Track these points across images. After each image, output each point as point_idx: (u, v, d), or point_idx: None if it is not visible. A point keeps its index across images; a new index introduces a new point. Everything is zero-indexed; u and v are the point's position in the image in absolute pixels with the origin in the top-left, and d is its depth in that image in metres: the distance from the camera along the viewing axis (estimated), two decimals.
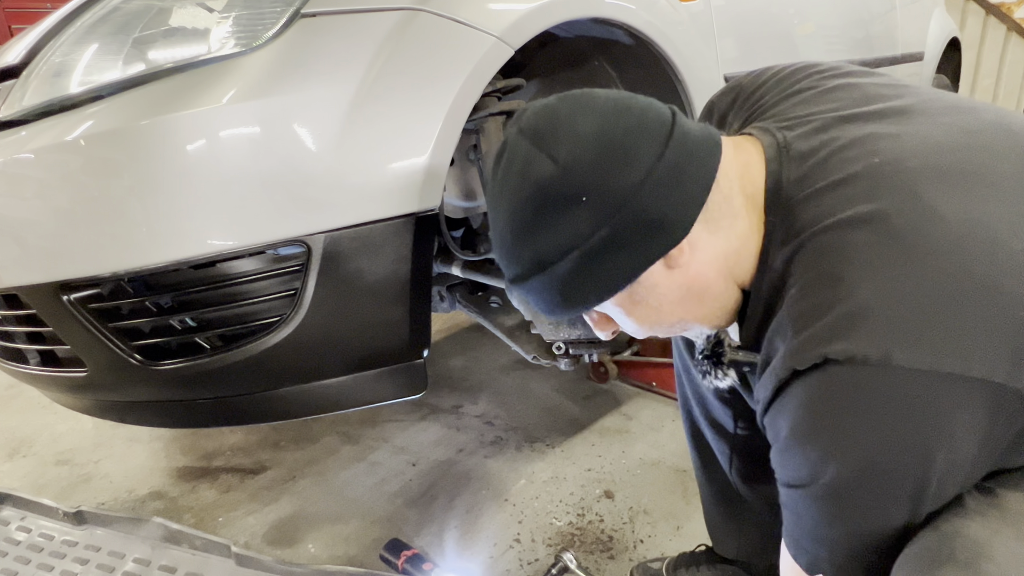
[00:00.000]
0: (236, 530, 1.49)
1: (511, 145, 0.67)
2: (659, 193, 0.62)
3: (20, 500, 1.46)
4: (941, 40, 2.98)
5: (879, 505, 0.59)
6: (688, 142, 0.64)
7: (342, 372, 1.10)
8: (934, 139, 0.65)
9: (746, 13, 1.76)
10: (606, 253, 0.64)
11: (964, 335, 0.55)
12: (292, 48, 0.97)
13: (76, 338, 1.07)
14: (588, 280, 0.66)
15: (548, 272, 0.66)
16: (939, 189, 0.60)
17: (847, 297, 0.57)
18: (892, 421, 0.56)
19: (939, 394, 0.55)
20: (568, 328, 1.31)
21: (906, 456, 0.56)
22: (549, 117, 0.65)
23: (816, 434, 0.59)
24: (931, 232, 0.57)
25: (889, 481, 0.58)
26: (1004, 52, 5.14)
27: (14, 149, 1.00)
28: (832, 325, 0.57)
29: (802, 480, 0.61)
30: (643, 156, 0.62)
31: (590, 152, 0.62)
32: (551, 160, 0.63)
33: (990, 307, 0.55)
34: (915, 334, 0.55)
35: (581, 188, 0.62)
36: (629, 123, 0.63)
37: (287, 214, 0.97)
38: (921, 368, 0.54)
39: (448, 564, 1.34)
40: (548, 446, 1.74)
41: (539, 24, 1.15)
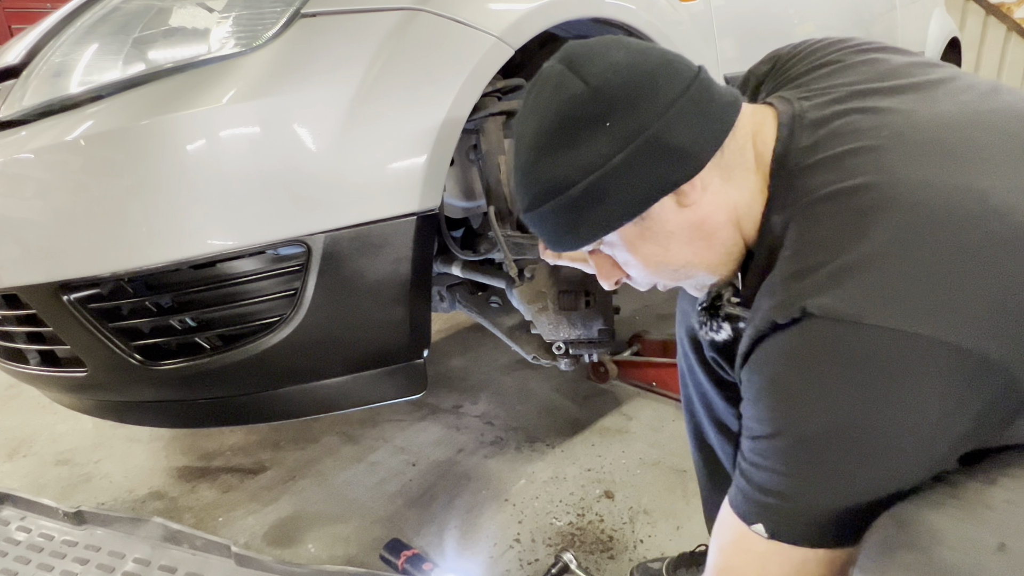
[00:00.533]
0: (236, 530, 1.49)
1: (546, 71, 0.71)
2: (679, 125, 0.65)
3: (20, 500, 1.46)
4: (941, 40, 2.98)
5: (840, 462, 0.59)
6: (711, 90, 0.68)
7: (342, 372, 1.10)
8: (944, 116, 0.65)
9: (746, 13, 1.76)
10: (622, 177, 0.66)
11: (941, 299, 0.56)
12: (292, 48, 0.97)
13: (76, 338, 1.07)
14: (600, 205, 0.68)
15: (564, 195, 0.68)
16: (938, 163, 0.61)
17: (831, 260, 0.59)
18: (860, 378, 0.57)
19: (907, 354, 0.55)
20: (568, 328, 1.31)
21: (872, 414, 0.57)
22: (586, 47, 0.70)
23: (787, 386, 0.60)
24: (922, 200, 0.59)
25: (850, 441, 0.58)
26: (1004, 52, 5.15)
27: (14, 149, 1.00)
28: (813, 283, 0.59)
29: (767, 431, 0.62)
30: (668, 89, 0.65)
31: (619, 78, 0.66)
32: (583, 81, 0.66)
33: (972, 275, 0.56)
34: (891, 294, 0.56)
35: (607, 110, 0.65)
36: (659, 61, 0.68)
37: (287, 214, 0.97)
38: (890, 326, 0.55)
39: (448, 564, 1.34)
40: (548, 446, 1.74)
41: (539, 24, 1.15)
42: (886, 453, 0.58)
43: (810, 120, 0.69)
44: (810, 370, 0.59)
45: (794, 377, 0.60)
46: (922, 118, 0.65)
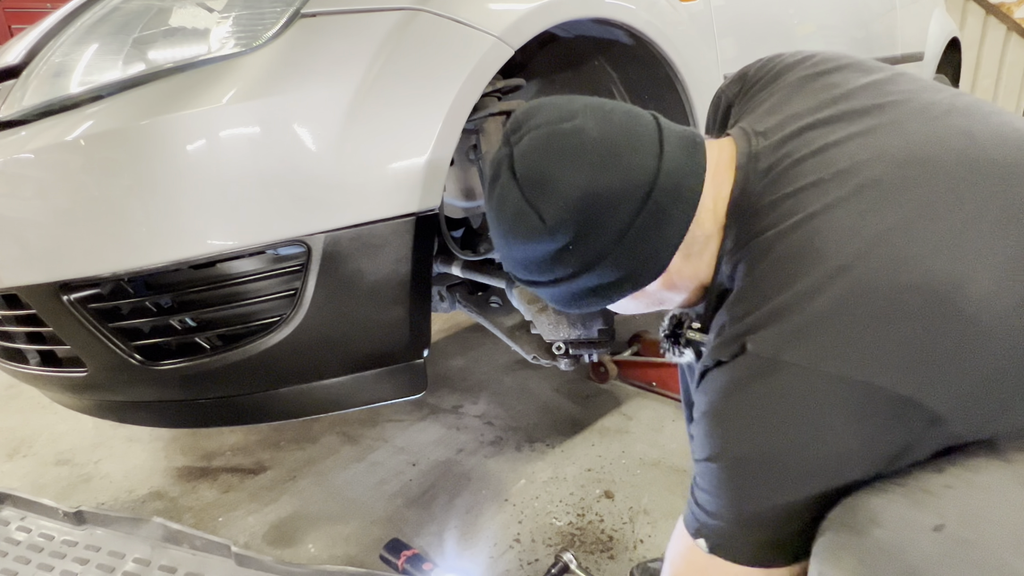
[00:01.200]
0: (236, 530, 1.49)
1: (504, 185, 0.74)
2: (637, 245, 0.71)
3: (20, 500, 1.46)
4: (941, 40, 2.98)
5: (760, 485, 0.64)
6: (671, 184, 0.70)
7: (342, 372, 1.10)
8: (891, 151, 0.67)
9: (746, 13, 1.76)
10: (590, 289, 0.76)
11: (853, 340, 0.60)
12: (292, 48, 0.97)
13: (76, 338, 1.07)
14: (575, 300, 0.79)
15: (543, 290, 0.79)
16: (872, 203, 0.64)
17: (764, 304, 0.65)
18: (776, 411, 0.62)
19: (817, 391, 0.60)
20: (568, 328, 1.31)
21: (785, 445, 0.62)
22: (540, 165, 0.71)
23: (716, 416, 0.67)
24: (847, 245, 0.62)
25: (770, 468, 0.63)
26: (1004, 52, 5.14)
27: (14, 149, 1.00)
28: (748, 324, 0.65)
29: (704, 454, 0.68)
30: (625, 211, 0.69)
31: (573, 213, 0.69)
32: (539, 218, 0.71)
33: (888, 320, 0.59)
34: (806, 335, 0.61)
35: (566, 241, 0.71)
36: (613, 179, 0.69)
37: (287, 214, 0.97)
38: (803, 365, 0.61)
39: (448, 564, 1.34)
40: (548, 446, 1.74)
41: (539, 24, 1.15)
42: (806, 482, 0.63)
43: (765, 164, 0.72)
44: (737, 401, 0.65)
45: (724, 406, 0.66)
46: (867, 154, 0.67)
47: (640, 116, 0.74)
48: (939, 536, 0.56)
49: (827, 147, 0.69)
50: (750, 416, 0.64)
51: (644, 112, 0.76)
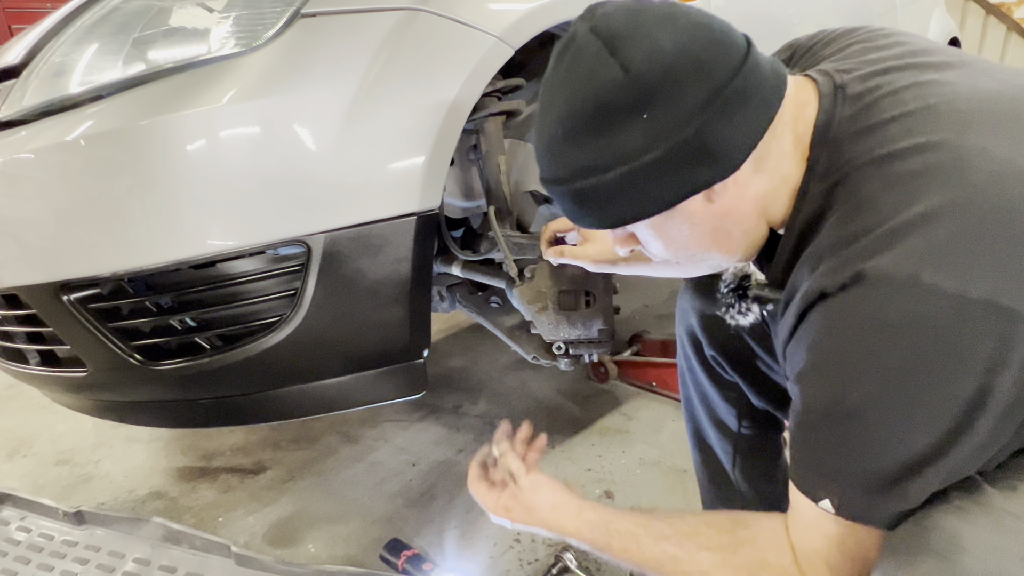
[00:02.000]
0: (236, 530, 1.49)
1: (581, 41, 0.64)
2: (719, 124, 0.61)
3: (20, 500, 1.46)
4: (941, 40, 2.98)
5: (896, 430, 0.57)
6: (758, 74, 0.63)
7: (342, 372, 1.10)
8: (987, 88, 0.64)
9: (746, 13, 1.76)
10: (654, 174, 0.63)
11: (997, 264, 0.54)
12: (292, 48, 0.97)
13: (76, 338, 1.07)
14: (629, 197, 0.65)
15: (591, 181, 0.65)
16: (988, 130, 0.60)
17: (885, 222, 0.57)
18: (914, 342, 0.55)
19: (964, 319, 0.54)
20: (568, 328, 1.31)
21: (925, 379, 0.55)
22: (629, 21, 0.62)
23: (839, 354, 0.59)
24: (976, 166, 0.57)
25: (907, 405, 0.56)
26: (1004, 52, 5.15)
27: (14, 149, 1.00)
28: (865, 247, 0.57)
29: (821, 404, 0.60)
30: (712, 82, 0.61)
31: (660, 66, 0.60)
32: (622, 69, 0.61)
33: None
34: (947, 257, 0.55)
35: (645, 101, 0.61)
36: (706, 43, 0.62)
37: (287, 214, 0.97)
38: (948, 290, 0.54)
39: (448, 564, 1.34)
40: (548, 446, 1.73)
41: (539, 24, 1.15)
42: (944, 422, 0.56)
43: (853, 91, 0.67)
44: (866, 338, 0.57)
45: (850, 346, 0.58)
46: (965, 89, 0.64)
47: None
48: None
49: (922, 83, 0.65)
50: (888, 345, 0.56)
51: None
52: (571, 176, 0.66)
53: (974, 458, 0.59)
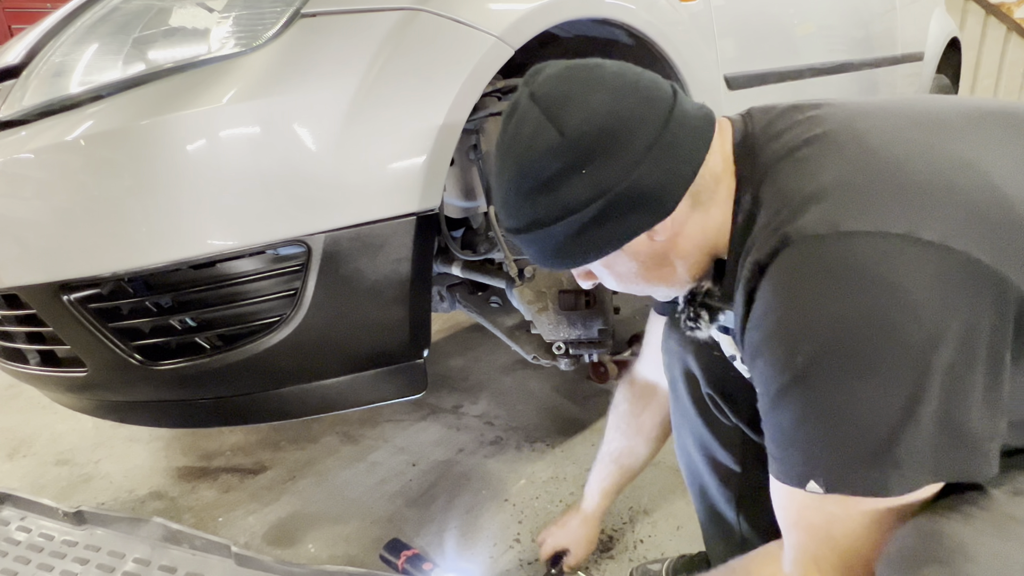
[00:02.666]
0: (236, 530, 1.49)
1: (522, 108, 0.71)
2: (652, 173, 0.67)
3: (20, 500, 1.46)
4: (941, 40, 2.98)
5: (851, 381, 0.57)
6: (685, 122, 0.69)
7: (342, 372, 1.10)
8: (876, 100, 0.74)
9: (746, 13, 1.76)
10: (598, 223, 0.69)
11: (912, 206, 0.57)
12: (292, 48, 0.97)
13: (76, 338, 1.07)
14: (579, 243, 0.71)
15: (543, 231, 0.72)
16: (878, 115, 0.68)
17: (798, 193, 0.62)
18: (849, 288, 0.56)
19: (890, 254, 0.55)
20: (568, 328, 1.31)
21: (869, 326, 0.55)
22: (561, 86, 0.69)
23: (783, 320, 0.60)
24: (870, 136, 0.64)
25: (859, 356, 0.56)
26: (1004, 52, 5.14)
27: (14, 149, 1.00)
28: (785, 217, 0.62)
29: (777, 377, 0.61)
30: (643, 136, 0.67)
31: (595, 128, 0.66)
32: (559, 132, 0.67)
33: (938, 189, 0.58)
34: (862, 204, 0.59)
35: (583, 160, 0.67)
36: (636, 102, 0.68)
37: (287, 214, 0.97)
38: (868, 229, 0.56)
39: (448, 564, 1.34)
40: (548, 446, 1.74)
41: (539, 24, 1.15)
42: (899, 360, 0.55)
43: (759, 110, 0.76)
44: (803, 293, 0.58)
45: (790, 305, 0.59)
46: (855, 101, 0.73)
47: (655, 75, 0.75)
48: None
49: (819, 105, 0.73)
50: (823, 300, 0.57)
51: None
52: (526, 227, 0.73)
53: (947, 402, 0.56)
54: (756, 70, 1.78)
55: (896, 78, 2.58)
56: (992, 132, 0.66)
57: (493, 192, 0.77)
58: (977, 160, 0.61)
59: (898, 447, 0.56)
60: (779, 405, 0.62)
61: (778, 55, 1.91)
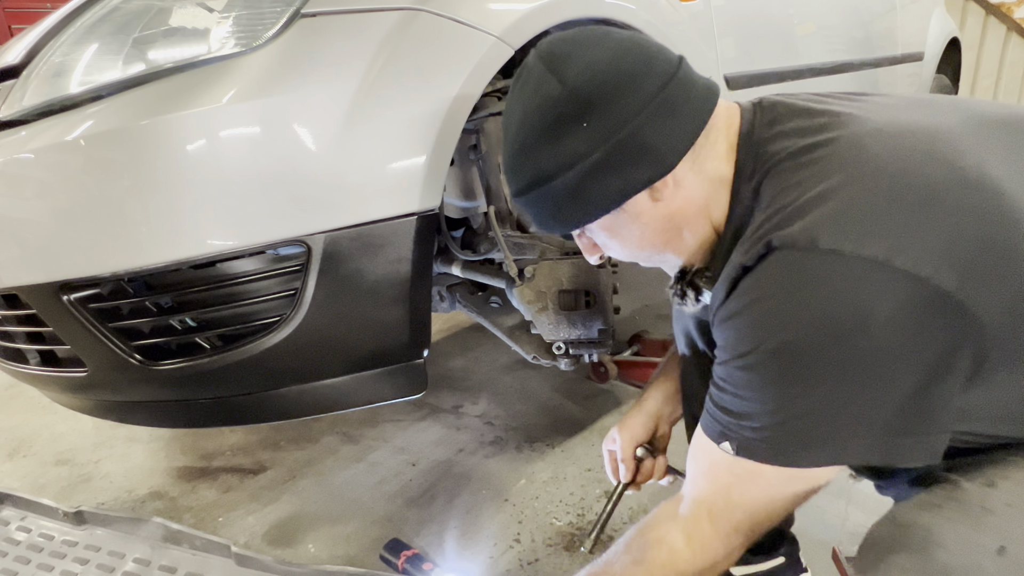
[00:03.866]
0: (236, 530, 1.49)
1: (528, 66, 0.73)
2: (652, 126, 0.68)
3: (20, 500, 1.46)
4: (941, 40, 2.98)
5: (797, 378, 0.62)
6: (689, 85, 0.71)
7: (342, 372, 1.10)
8: (887, 99, 0.75)
9: (746, 13, 1.76)
10: (598, 175, 0.70)
11: (894, 227, 0.59)
12: (292, 48, 0.97)
13: (76, 338, 1.07)
14: (580, 199, 0.72)
15: (545, 187, 0.73)
16: (887, 116, 0.69)
17: (792, 202, 0.64)
18: (812, 299, 0.60)
19: (859, 277, 0.58)
20: (568, 328, 1.31)
21: (821, 335, 0.59)
22: (566, 43, 0.72)
23: (750, 311, 0.64)
24: (874, 144, 0.65)
25: (809, 358, 0.60)
26: (1004, 52, 5.14)
27: (14, 149, 1.00)
28: (776, 223, 0.64)
29: (733, 352, 0.66)
30: (644, 90, 0.68)
31: (596, 79, 0.68)
32: (559, 82, 0.69)
33: (925, 208, 0.60)
34: (844, 223, 0.60)
35: (583, 110, 0.68)
36: (638, 59, 0.70)
37: (287, 214, 0.97)
38: (843, 251, 0.59)
39: (448, 564, 1.34)
40: (548, 446, 1.74)
41: (539, 24, 1.15)
42: (842, 373, 0.60)
43: (768, 103, 0.76)
44: (772, 295, 0.62)
45: (758, 301, 0.64)
46: (866, 101, 0.74)
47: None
48: (1004, 560, 0.54)
49: (828, 102, 0.74)
50: (788, 305, 0.61)
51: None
52: (529, 186, 0.74)
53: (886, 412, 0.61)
54: (756, 70, 1.78)
55: (896, 78, 2.58)
56: (994, 143, 0.67)
57: (503, 158, 0.78)
58: (977, 176, 0.62)
59: (811, 432, 0.62)
60: (725, 376, 0.68)
61: (778, 55, 1.91)
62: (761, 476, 0.66)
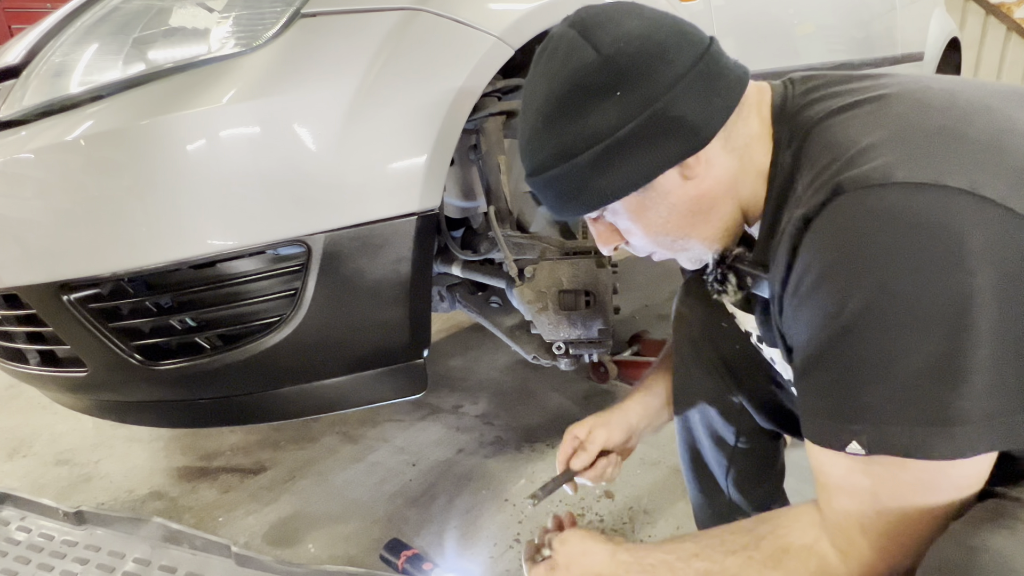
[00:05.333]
0: (236, 530, 1.49)
1: (557, 35, 0.70)
2: (686, 100, 0.65)
3: (20, 500, 1.46)
4: (941, 40, 2.98)
5: (899, 334, 0.55)
6: (720, 64, 0.69)
7: (342, 372, 1.10)
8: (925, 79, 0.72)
9: (746, 13, 1.76)
10: (628, 149, 0.66)
11: (970, 163, 0.56)
12: (292, 48, 0.97)
13: (76, 338, 1.07)
14: (606, 175, 0.68)
15: (570, 163, 0.68)
16: (933, 80, 0.68)
17: (849, 148, 0.60)
18: (903, 238, 0.54)
19: (947, 208, 0.53)
20: (568, 328, 1.31)
21: (918, 273, 0.53)
22: (599, 13, 0.69)
23: (831, 270, 0.58)
24: (931, 98, 0.63)
25: (904, 305, 0.54)
26: (1004, 52, 5.15)
27: (14, 149, 1.00)
28: (836, 170, 0.59)
29: (824, 328, 0.58)
30: (678, 62, 0.65)
31: (631, 48, 0.65)
32: (594, 49, 0.66)
33: (996, 150, 0.57)
34: (918, 156, 0.56)
35: (617, 80, 0.65)
36: (671, 31, 0.67)
37: (287, 214, 0.97)
38: (926, 181, 0.54)
39: (448, 564, 1.34)
40: (548, 446, 1.74)
41: (539, 24, 1.15)
42: (950, 316, 0.53)
43: (798, 79, 0.74)
44: (854, 241, 0.56)
45: (836, 252, 0.57)
46: (910, 77, 0.71)
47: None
48: None
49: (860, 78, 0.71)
50: (874, 246, 0.55)
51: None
52: (550, 162, 0.70)
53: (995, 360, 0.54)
54: (756, 70, 1.77)
55: None
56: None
57: (519, 133, 0.74)
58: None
59: (946, 405, 0.54)
60: (822, 360, 0.59)
61: (778, 55, 1.91)
62: (906, 470, 0.57)
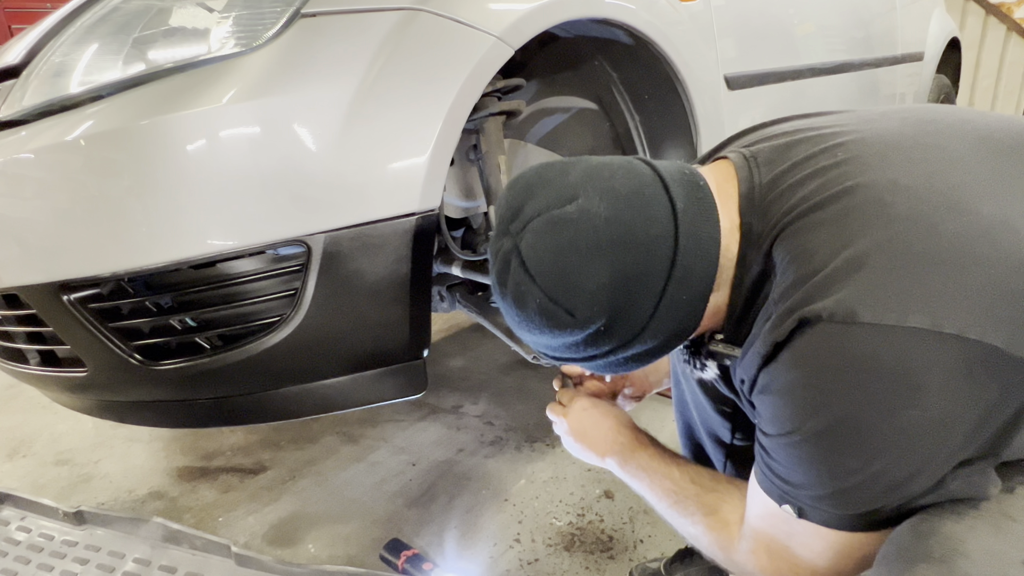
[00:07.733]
0: (236, 530, 1.49)
1: (518, 283, 0.68)
2: (670, 315, 0.68)
3: (20, 500, 1.46)
4: (941, 40, 2.98)
5: (850, 458, 0.60)
6: (692, 244, 0.67)
7: (342, 372, 1.10)
8: (892, 128, 0.70)
9: (746, 13, 1.76)
10: (628, 358, 0.73)
11: (933, 292, 0.56)
12: (292, 48, 0.97)
13: (76, 338, 1.07)
14: (612, 368, 0.75)
15: (575, 364, 0.77)
16: (901, 164, 0.64)
17: (819, 270, 0.60)
18: (860, 377, 0.57)
19: (908, 353, 0.56)
20: None
21: (873, 412, 0.57)
22: (554, 263, 0.65)
23: (796, 390, 0.62)
24: (896, 201, 0.60)
25: (865, 438, 0.58)
26: (1004, 52, 5.14)
27: (14, 149, 1.00)
28: (804, 295, 0.60)
29: (783, 428, 0.63)
30: (652, 288, 0.66)
31: (604, 303, 0.66)
32: (568, 314, 0.67)
33: (960, 268, 0.57)
34: (881, 292, 0.57)
35: (600, 326, 0.68)
36: (635, 261, 0.65)
37: (287, 214, 0.97)
38: (886, 323, 0.56)
39: (448, 564, 1.34)
40: (548, 446, 1.74)
41: (539, 24, 1.15)
42: (902, 452, 0.58)
43: (765, 159, 0.71)
44: (813, 374, 0.60)
45: (799, 382, 0.61)
46: (873, 134, 0.68)
47: (640, 173, 0.69)
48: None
49: (832, 137, 0.70)
50: (835, 384, 0.58)
51: (638, 163, 0.71)
52: (561, 360, 0.78)
53: (939, 470, 0.60)
54: (756, 70, 1.78)
55: (896, 78, 2.58)
56: (1006, 175, 0.64)
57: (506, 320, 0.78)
58: (1001, 220, 0.59)
59: (876, 503, 0.61)
60: (772, 449, 0.66)
61: (778, 55, 1.91)
62: (821, 535, 0.66)
